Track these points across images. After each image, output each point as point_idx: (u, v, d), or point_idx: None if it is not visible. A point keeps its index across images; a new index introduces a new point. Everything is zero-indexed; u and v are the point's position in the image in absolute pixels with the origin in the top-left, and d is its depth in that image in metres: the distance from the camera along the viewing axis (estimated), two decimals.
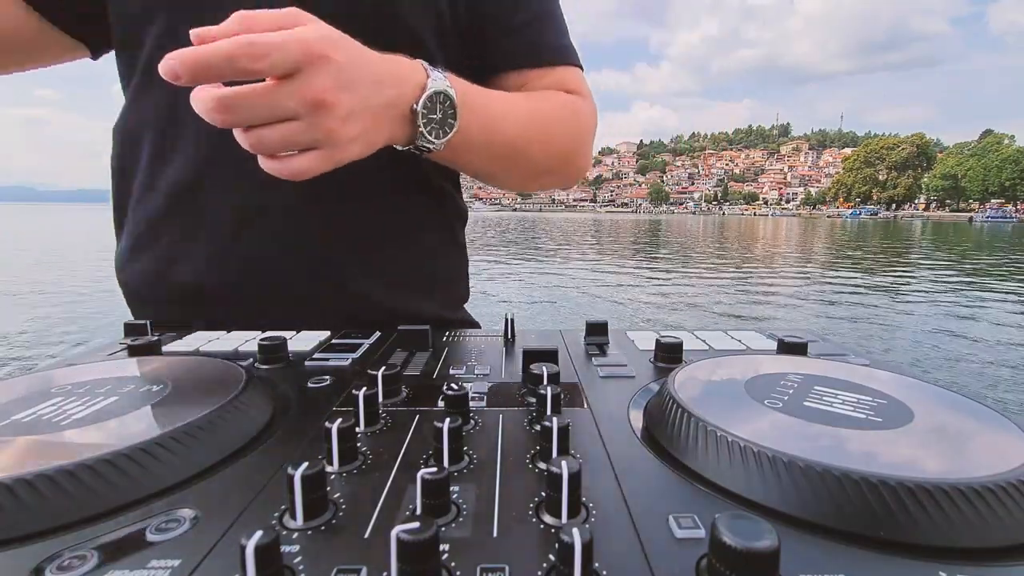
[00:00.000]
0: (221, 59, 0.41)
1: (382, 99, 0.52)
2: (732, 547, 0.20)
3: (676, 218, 76.04)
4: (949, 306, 7.43)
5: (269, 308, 0.70)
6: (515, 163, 0.72)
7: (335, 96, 0.47)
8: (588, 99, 0.80)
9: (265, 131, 0.46)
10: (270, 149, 0.48)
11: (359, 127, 0.50)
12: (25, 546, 0.24)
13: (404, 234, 0.75)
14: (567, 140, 0.76)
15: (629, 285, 8.99)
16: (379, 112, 0.52)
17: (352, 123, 0.49)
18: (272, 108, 0.45)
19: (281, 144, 0.47)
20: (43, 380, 0.41)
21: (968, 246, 20.15)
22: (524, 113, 0.70)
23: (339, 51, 0.47)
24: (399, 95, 0.54)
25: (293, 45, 0.44)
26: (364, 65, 0.50)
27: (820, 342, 0.58)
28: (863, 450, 0.29)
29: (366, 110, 0.50)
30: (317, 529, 0.25)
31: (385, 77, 0.52)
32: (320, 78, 0.46)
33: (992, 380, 4.33)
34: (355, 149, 0.52)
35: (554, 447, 0.30)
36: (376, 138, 0.54)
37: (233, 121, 0.45)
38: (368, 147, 0.53)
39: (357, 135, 0.51)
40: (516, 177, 0.76)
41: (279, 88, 0.45)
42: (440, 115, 0.57)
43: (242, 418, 0.35)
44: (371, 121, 0.52)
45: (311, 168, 0.49)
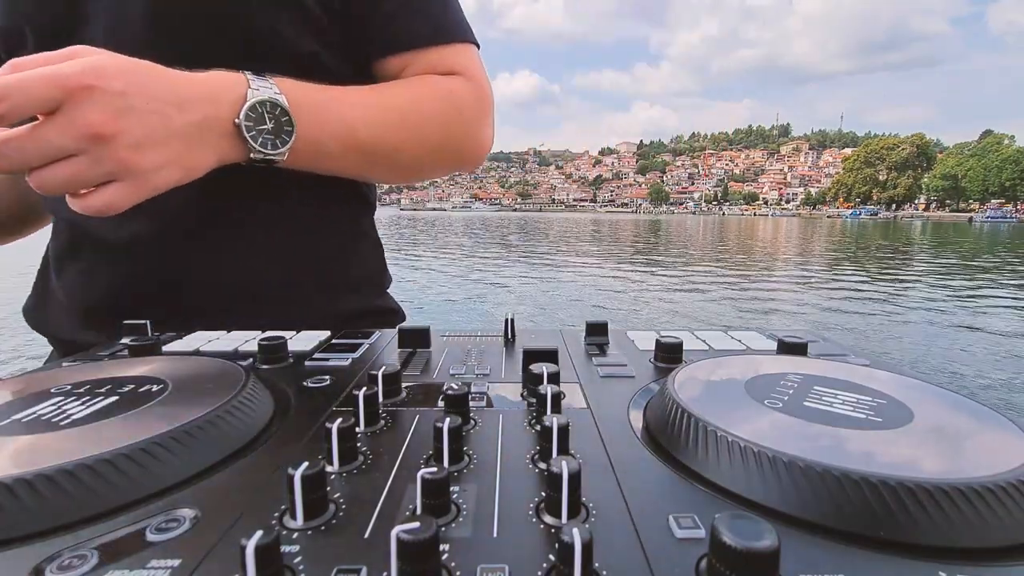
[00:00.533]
0: None
1: (189, 119, 0.50)
2: (732, 547, 0.20)
3: (676, 218, 76.04)
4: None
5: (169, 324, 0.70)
6: (384, 162, 0.70)
7: (113, 126, 0.45)
8: (472, 77, 0.75)
9: (46, 172, 0.45)
10: (58, 189, 0.46)
11: (162, 153, 0.49)
12: (25, 546, 0.24)
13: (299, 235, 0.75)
14: (443, 129, 0.73)
15: (632, 293, 8.95)
16: (189, 133, 0.51)
17: (149, 150, 0.48)
18: (41, 147, 0.44)
19: (67, 183, 0.46)
20: (43, 380, 0.41)
21: (970, 246, 20.14)
22: (386, 111, 0.67)
23: (112, 80, 0.45)
24: (213, 113, 0.52)
25: (39, 82, 0.42)
26: (154, 89, 0.48)
27: (820, 342, 0.58)
28: (863, 450, 0.29)
29: (166, 134, 0.49)
30: (317, 529, 0.25)
31: (191, 97, 0.51)
32: (87, 110, 0.44)
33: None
34: (168, 175, 0.50)
35: (554, 447, 0.30)
36: (196, 160, 0.53)
37: (6, 166, 0.44)
38: (188, 171, 0.52)
39: (163, 161, 0.49)
40: (395, 174, 0.74)
41: (42, 126, 0.44)
42: (272, 125, 0.56)
43: (242, 418, 0.35)
44: (180, 144, 0.50)
45: (116, 201, 0.48)
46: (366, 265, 0.85)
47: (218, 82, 0.54)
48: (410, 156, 0.71)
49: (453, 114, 0.73)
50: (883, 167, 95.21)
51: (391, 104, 0.68)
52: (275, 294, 0.74)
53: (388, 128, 0.67)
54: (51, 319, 0.77)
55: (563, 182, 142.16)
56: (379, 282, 0.88)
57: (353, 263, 0.82)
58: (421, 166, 0.75)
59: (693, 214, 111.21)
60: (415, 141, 0.70)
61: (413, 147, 0.71)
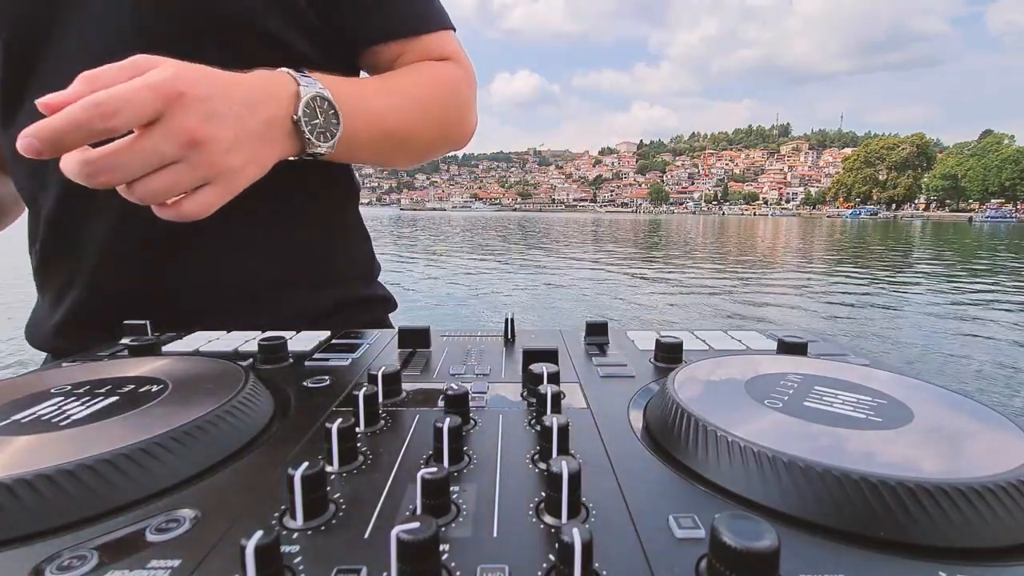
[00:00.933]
0: (73, 127, 0.40)
1: (259, 118, 0.52)
2: (732, 547, 0.20)
3: (676, 218, 76.01)
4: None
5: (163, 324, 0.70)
6: (402, 148, 0.73)
7: (207, 131, 0.47)
8: (462, 61, 0.80)
9: (149, 182, 0.46)
10: (161, 196, 0.47)
11: (245, 153, 0.51)
12: (25, 546, 0.24)
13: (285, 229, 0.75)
14: (447, 112, 0.77)
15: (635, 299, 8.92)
16: (262, 132, 0.52)
17: (236, 153, 0.50)
18: (144, 158, 0.45)
19: (168, 191, 0.47)
20: (43, 380, 0.41)
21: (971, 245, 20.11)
22: (403, 100, 0.70)
23: (197, 85, 0.47)
24: (276, 111, 0.54)
25: (144, 93, 0.43)
26: (229, 92, 0.50)
27: (820, 342, 0.58)
28: (863, 450, 0.29)
29: (247, 135, 0.51)
30: (317, 529, 0.25)
31: (256, 97, 0.52)
32: (184, 117, 0.45)
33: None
34: (249, 174, 0.53)
35: (554, 447, 0.30)
36: (267, 158, 0.54)
37: (109, 180, 0.44)
38: (261, 169, 0.54)
39: (245, 161, 0.51)
40: (406, 158, 0.77)
41: (145, 137, 0.44)
42: (323, 119, 0.58)
43: (242, 418, 0.35)
44: (255, 143, 0.52)
45: (210, 206, 0.50)
46: (355, 255, 0.86)
47: (272, 82, 0.55)
48: (424, 140, 0.75)
49: (452, 96, 0.77)
50: (883, 167, 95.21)
51: (408, 91, 0.71)
52: (263, 288, 0.74)
53: (408, 114, 0.71)
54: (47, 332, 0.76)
55: (563, 182, 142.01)
56: (369, 270, 0.89)
57: (343, 253, 0.83)
58: (430, 148, 0.78)
59: (693, 214, 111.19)
60: (427, 125, 0.74)
61: (426, 131, 0.74)
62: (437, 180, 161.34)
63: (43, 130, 0.40)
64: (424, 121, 0.73)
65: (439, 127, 0.77)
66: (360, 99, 0.64)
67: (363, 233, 0.89)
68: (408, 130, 0.71)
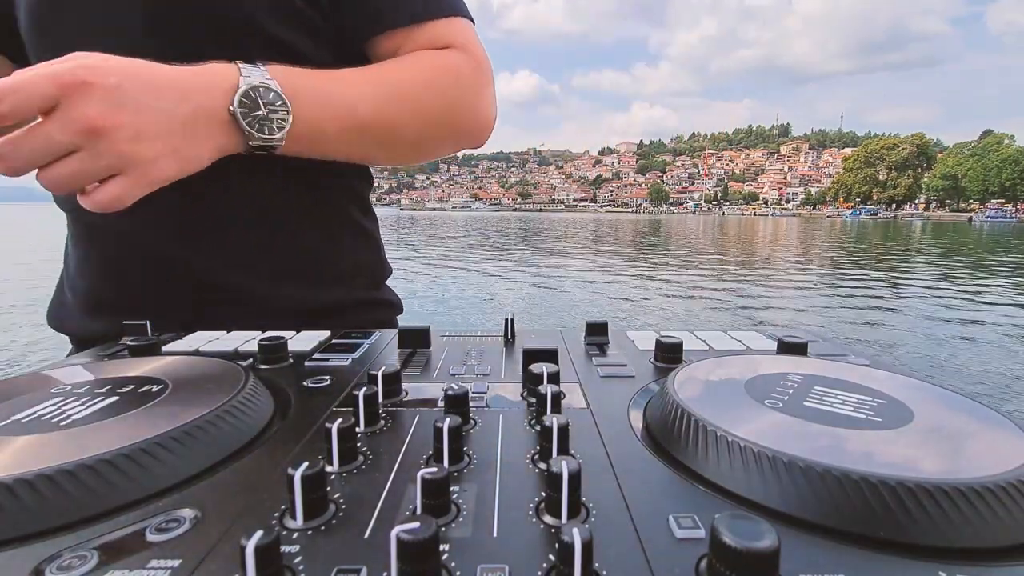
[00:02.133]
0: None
1: (184, 110, 0.51)
2: (732, 547, 0.20)
3: (676, 218, 76.01)
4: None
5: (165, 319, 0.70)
6: (386, 142, 0.69)
7: (110, 119, 0.46)
8: (467, 49, 0.74)
9: (53, 169, 0.46)
10: (66, 185, 0.47)
11: (160, 144, 0.50)
12: (25, 546, 0.24)
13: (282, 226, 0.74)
14: (441, 102, 0.71)
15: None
16: (186, 124, 0.51)
17: (148, 142, 0.49)
18: (37, 145, 0.45)
19: (74, 178, 0.47)
20: (43, 380, 0.41)
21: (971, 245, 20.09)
22: (383, 89, 0.66)
23: (106, 75, 0.47)
24: (208, 102, 0.53)
25: (38, 80, 0.44)
26: (151, 82, 0.50)
27: (820, 342, 0.58)
28: (863, 450, 0.29)
29: (163, 125, 0.50)
30: (317, 529, 0.25)
31: (183, 88, 0.52)
32: (85, 105, 0.45)
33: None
34: (167, 166, 0.51)
35: (554, 447, 0.30)
36: (194, 151, 0.53)
37: (14, 167, 0.45)
38: (187, 162, 0.53)
39: (160, 152, 0.50)
40: (398, 154, 0.73)
41: (41, 124, 0.45)
42: (266, 110, 0.56)
43: (242, 418, 0.35)
44: (179, 135, 0.51)
45: (120, 194, 0.49)
46: (358, 256, 0.84)
47: (210, 72, 0.54)
48: (412, 133, 0.70)
49: (449, 86, 0.71)
50: (883, 167, 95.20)
51: (387, 80, 0.67)
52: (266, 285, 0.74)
53: (386, 104, 0.66)
54: (65, 317, 0.79)
55: (563, 182, 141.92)
56: (374, 273, 0.87)
57: (349, 255, 0.82)
58: (423, 143, 0.73)
59: (693, 214, 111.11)
60: (415, 116, 0.69)
61: (413, 123, 0.69)
62: (437, 180, 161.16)
63: None
64: (409, 111, 0.68)
65: (435, 120, 0.71)
66: (323, 91, 0.61)
67: (369, 233, 0.87)
68: (390, 122, 0.67)
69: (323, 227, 0.78)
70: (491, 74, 0.77)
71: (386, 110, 0.66)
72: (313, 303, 0.77)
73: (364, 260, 0.86)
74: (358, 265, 0.84)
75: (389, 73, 0.68)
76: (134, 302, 0.72)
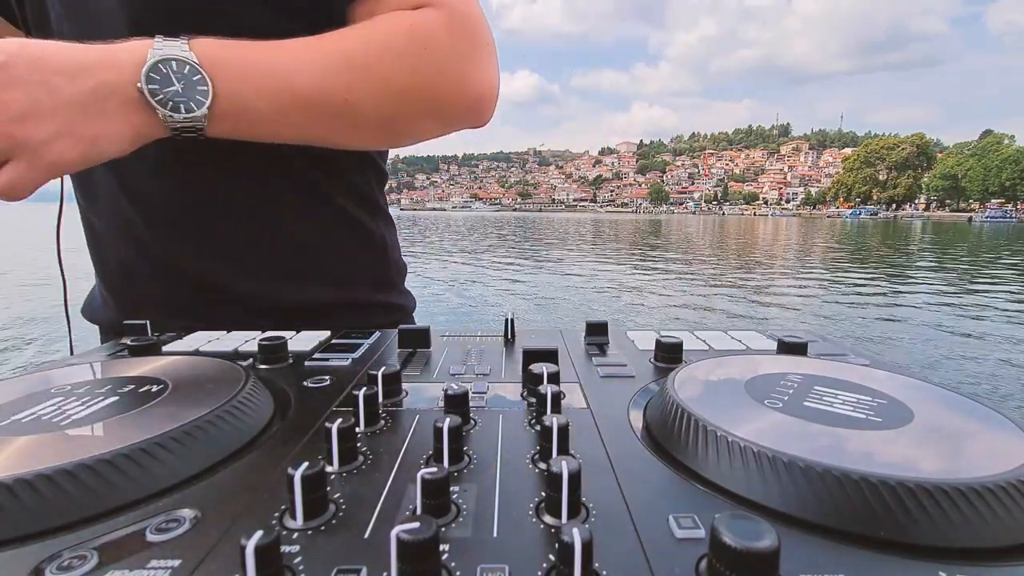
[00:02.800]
0: None
1: (80, 87, 0.47)
2: (732, 547, 0.20)
3: (676, 218, 76.08)
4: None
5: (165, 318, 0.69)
6: (341, 120, 0.60)
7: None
8: (448, 7, 0.62)
9: None
10: None
11: (52, 124, 0.46)
12: (25, 546, 0.24)
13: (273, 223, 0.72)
14: (409, 71, 0.60)
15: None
16: (84, 102, 0.47)
17: (36, 121, 0.46)
18: None
19: None
20: (43, 380, 0.41)
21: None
22: (328, 59, 0.57)
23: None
24: (112, 78, 0.49)
25: None
26: (42, 60, 0.46)
27: (820, 342, 0.58)
28: (863, 450, 0.29)
29: (54, 103, 0.46)
30: (317, 529, 0.25)
31: (84, 64, 0.48)
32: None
33: None
34: (64, 148, 0.47)
35: (554, 447, 0.30)
36: (99, 132, 0.49)
37: None
38: (90, 144, 0.49)
39: (54, 133, 0.47)
40: (363, 135, 0.64)
41: None
42: (180, 85, 0.50)
43: (242, 418, 0.35)
44: (73, 114, 0.47)
45: (13, 181, 0.46)
46: (356, 256, 0.81)
47: (121, 48, 0.50)
48: (372, 108, 0.60)
49: (417, 49, 0.60)
50: (883, 167, 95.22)
51: (333, 47, 0.58)
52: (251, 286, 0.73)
53: (333, 75, 0.57)
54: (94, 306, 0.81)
55: (563, 182, 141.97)
56: (376, 275, 0.84)
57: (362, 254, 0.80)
58: (393, 121, 0.63)
59: (693, 214, 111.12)
60: (371, 87, 0.59)
61: (370, 95, 0.59)
62: (437, 180, 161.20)
63: None
64: (366, 83, 0.58)
65: (397, 88, 0.60)
66: (258, 61, 0.54)
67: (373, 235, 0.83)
68: (340, 96, 0.57)
69: (315, 225, 0.75)
70: (483, 35, 0.65)
71: (333, 81, 0.57)
72: (302, 303, 0.75)
73: (364, 260, 0.82)
74: (356, 265, 0.80)
75: (337, 40, 0.58)
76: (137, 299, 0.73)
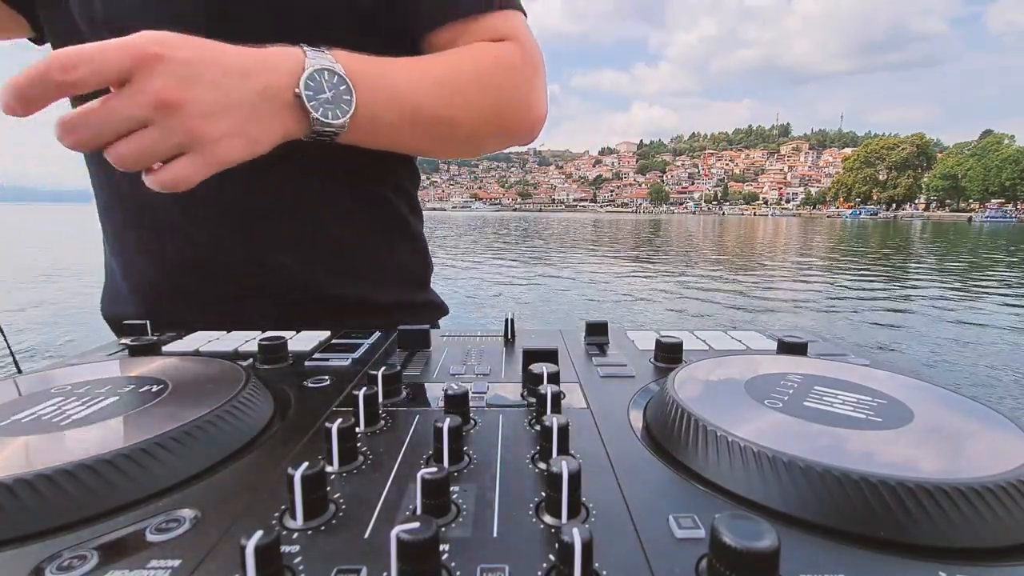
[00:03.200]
0: (32, 79, 0.40)
1: (251, 87, 0.50)
2: (732, 547, 0.20)
3: (676, 218, 75.97)
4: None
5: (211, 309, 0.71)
6: (441, 133, 0.68)
7: (181, 94, 0.45)
8: (522, 42, 0.73)
9: (121, 145, 0.45)
10: (134, 162, 0.46)
11: (228, 123, 0.49)
12: (25, 546, 0.24)
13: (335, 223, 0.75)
14: (493, 94, 0.70)
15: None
16: (253, 102, 0.50)
17: (217, 119, 0.48)
18: (112, 118, 0.44)
19: (141, 154, 0.46)
20: (43, 380, 0.41)
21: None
22: (438, 78, 0.65)
23: (177, 49, 0.46)
24: (274, 81, 0.52)
25: (110, 51, 0.43)
26: (217, 59, 0.49)
27: (820, 342, 0.58)
28: (863, 450, 0.29)
29: (232, 103, 0.49)
30: (317, 529, 0.25)
31: (251, 66, 0.51)
32: (157, 79, 0.44)
33: None
34: (234, 146, 0.50)
35: (554, 447, 0.30)
36: (260, 132, 0.52)
37: (81, 140, 0.44)
38: (252, 143, 0.51)
39: (227, 131, 0.49)
40: (452, 146, 0.72)
41: (112, 97, 0.44)
42: (331, 93, 0.55)
43: (242, 418, 0.35)
44: (246, 114, 0.50)
45: (187, 174, 0.48)
46: (406, 255, 0.84)
47: (276, 53, 0.54)
48: (466, 126, 0.69)
49: (502, 78, 0.71)
50: (883, 167, 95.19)
51: (443, 71, 0.67)
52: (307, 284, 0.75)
53: (442, 96, 0.65)
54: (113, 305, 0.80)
55: (563, 182, 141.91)
56: (419, 274, 0.87)
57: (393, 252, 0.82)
58: (475, 137, 0.72)
59: (693, 214, 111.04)
60: (468, 109, 0.68)
61: (468, 115, 0.69)
62: (437, 180, 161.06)
63: (12, 85, 0.40)
64: (466, 103, 0.67)
65: (490, 112, 0.70)
66: (383, 77, 0.61)
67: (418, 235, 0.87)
68: (445, 114, 0.66)
69: (372, 224, 0.79)
70: (543, 68, 0.76)
71: (442, 102, 0.65)
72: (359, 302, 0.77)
73: (411, 260, 0.85)
74: (405, 264, 0.84)
75: (445, 64, 0.67)
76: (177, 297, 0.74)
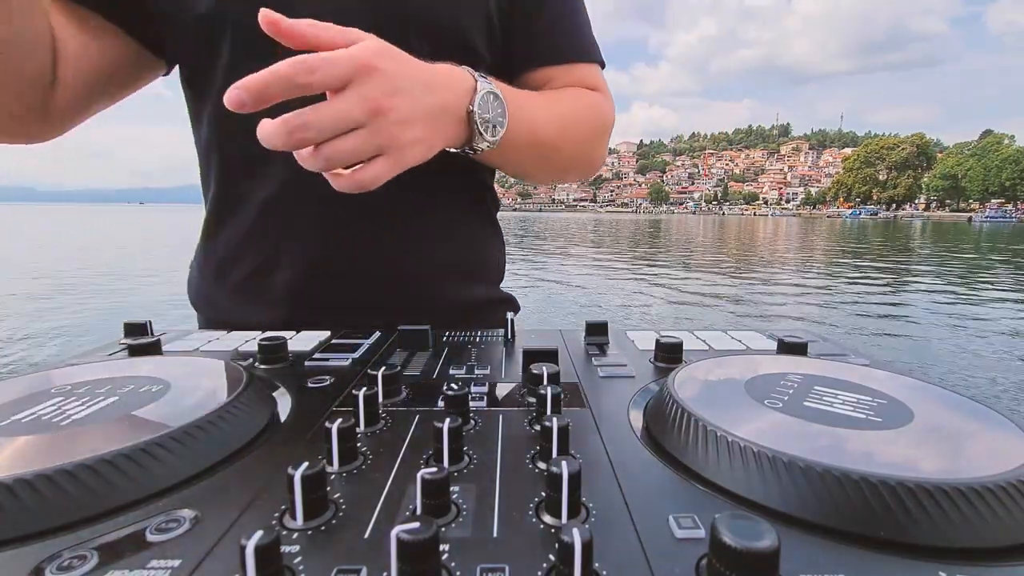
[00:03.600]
0: (277, 79, 0.44)
1: (434, 102, 0.55)
2: (732, 547, 0.20)
3: (676, 218, 75.90)
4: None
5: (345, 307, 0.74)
6: (549, 160, 0.76)
7: (389, 101, 0.50)
8: (608, 96, 0.84)
9: (337, 143, 0.49)
10: (343, 160, 0.50)
11: (417, 130, 0.53)
12: (25, 546, 0.24)
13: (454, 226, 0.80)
14: (591, 137, 0.81)
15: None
16: (435, 115, 0.55)
17: (410, 127, 0.53)
18: (336, 117, 0.48)
19: (352, 153, 0.50)
20: (43, 380, 0.41)
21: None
22: (558, 113, 0.74)
23: (386, 61, 0.51)
24: (453, 98, 0.57)
25: (344, 60, 0.47)
26: (413, 73, 0.53)
27: (820, 342, 0.58)
28: (863, 450, 0.29)
29: (422, 113, 0.54)
30: (317, 529, 0.25)
31: (436, 82, 0.56)
32: (372, 87, 0.49)
33: None
34: (417, 151, 0.55)
35: (554, 447, 0.30)
36: (435, 140, 0.57)
37: (306, 138, 0.47)
38: (428, 150, 0.56)
39: (416, 138, 0.54)
40: (547, 173, 0.81)
41: (339, 99, 0.48)
42: (491, 115, 0.61)
43: (242, 418, 0.35)
44: (429, 124, 0.55)
45: (380, 174, 0.52)
46: (494, 256, 0.89)
47: (453, 72, 0.59)
48: (566, 158, 0.78)
49: (597, 125, 0.81)
50: (883, 167, 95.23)
51: (560, 109, 0.75)
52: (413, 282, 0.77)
53: (557, 130, 0.74)
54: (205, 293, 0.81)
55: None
56: (501, 272, 0.92)
57: (485, 254, 0.86)
58: (567, 169, 0.82)
59: (693, 214, 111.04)
60: (572, 145, 0.78)
61: (571, 150, 0.78)
62: None
63: (252, 84, 0.44)
64: (572, 139, 0.77)
65: (582, 150, 0.80)
66: (523, 109, 0.68)
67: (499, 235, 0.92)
68: (558, 144, 0.74)
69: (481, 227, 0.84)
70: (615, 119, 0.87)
71: (556, 136, 0.74)
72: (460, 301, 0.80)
73: (499, 256, 0.90)
74: (495, 261, 0.88)
75: (562, 104, 0.76)
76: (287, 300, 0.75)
